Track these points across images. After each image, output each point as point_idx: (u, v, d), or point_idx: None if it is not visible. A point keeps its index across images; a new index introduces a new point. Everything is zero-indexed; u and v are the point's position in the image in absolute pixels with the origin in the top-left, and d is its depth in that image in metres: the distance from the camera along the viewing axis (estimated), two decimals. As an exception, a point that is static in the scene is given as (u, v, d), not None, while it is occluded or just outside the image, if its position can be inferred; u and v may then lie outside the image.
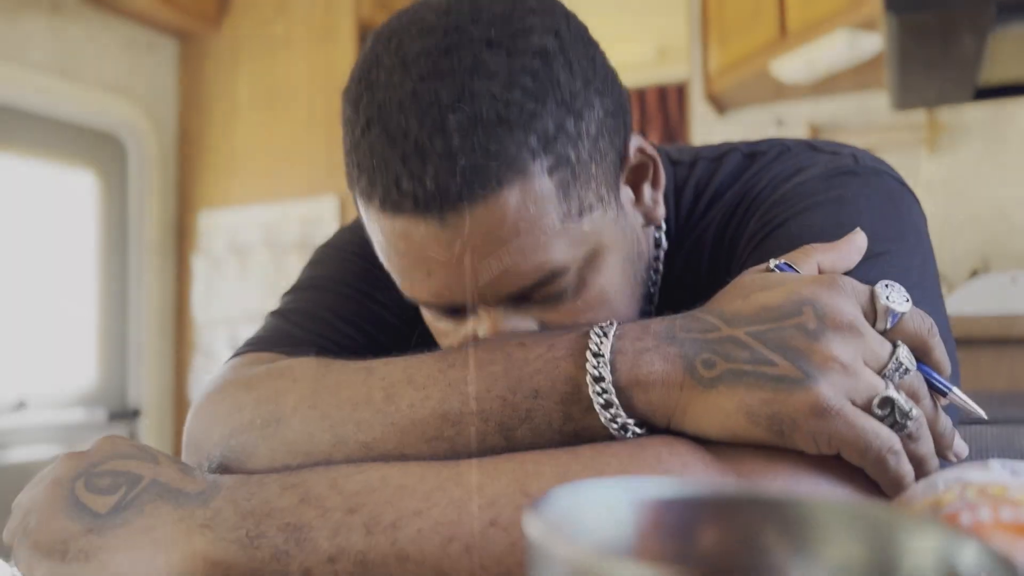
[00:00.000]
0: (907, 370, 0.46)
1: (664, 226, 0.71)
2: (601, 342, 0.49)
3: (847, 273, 0.53)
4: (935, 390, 0.48)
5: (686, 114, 4.54)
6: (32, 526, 0.48)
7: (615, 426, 0.48)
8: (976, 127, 2.79)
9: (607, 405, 0.48)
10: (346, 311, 0.73)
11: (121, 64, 3.20)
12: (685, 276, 0.71)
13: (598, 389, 0.48)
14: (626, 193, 0.62)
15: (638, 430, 0.48)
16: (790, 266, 0.53)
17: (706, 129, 3.19)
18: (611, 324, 0.51)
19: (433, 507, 0.45)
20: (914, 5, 1.36)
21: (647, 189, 0.64)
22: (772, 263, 0.53)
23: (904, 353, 0.46)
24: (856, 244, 0.54)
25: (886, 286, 0.48)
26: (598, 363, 0.48)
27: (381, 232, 0.55)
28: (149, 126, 3.29)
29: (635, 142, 0.62)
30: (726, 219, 0.68)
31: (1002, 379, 1.46)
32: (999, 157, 2.75)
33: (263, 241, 3.17)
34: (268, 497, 0.47)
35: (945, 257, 2.70)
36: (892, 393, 0.44)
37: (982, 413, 0.48)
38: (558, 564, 0.20)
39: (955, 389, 0.48)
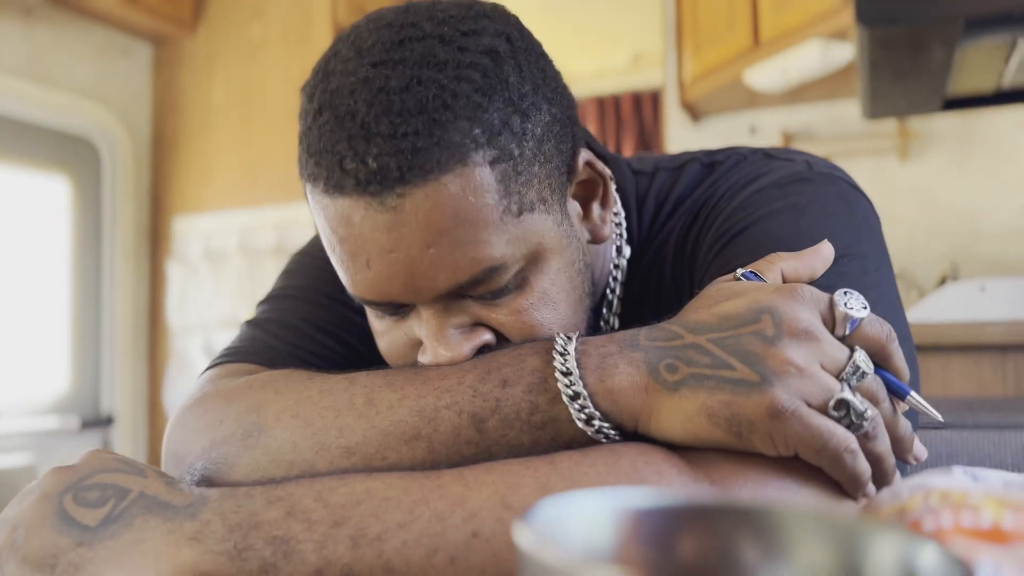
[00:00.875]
0: (864, 373, 0.48)
1: (625, 234, 0.73)
2: (566, 344, 0.52)
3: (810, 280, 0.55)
4: (894, 394, 0.50)
5: (660, 121, 4.58)
6: (20, 540, 0.48)
7: (583, 417, 0.50)
8: (946, 136, 2.84)
9: (574, 396, 0.50)
10: (322, 320, 0.73)
11: (95, 68, 3.17)
12: (649, 282, 0.72)
13: (566, 382, 0.50)
14: (573, 207, 0.63)
15: (605, 425, 0.50)
16: (756, 275, 0.54)
17: (680, 136, 3.22)
18: (575, 333, 0.53)
19: (417, 519, 0.46)
20: (885, 18, 1.39)
21: (595, 207, 0.66)
22: (739, 272, 0.55)
23: (861, 357, 0.48)
24: (822, 254, 0.56)
25: (845, 293, 0.50)
26: (565, 360, 0.51)
27: (325, 219, 0.56)
28: (123, 131, 3.27)
29: (584, 156, 0.63)
30: (687, 226, 0.70)
31: (971, 385, 1.49)
32: (968, 165, 2.81)
33: (238, 246, 3.15)
34: (255, 510, 0.48)
35: (915, 263, 2.75)
36: (847, 395, 0.46)
37: (939, 416, 0.50)
38: (548, 573, 0.21)
39: (912, 393, 0.50)
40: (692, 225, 0.69)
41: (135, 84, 3.35)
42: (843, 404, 0.46)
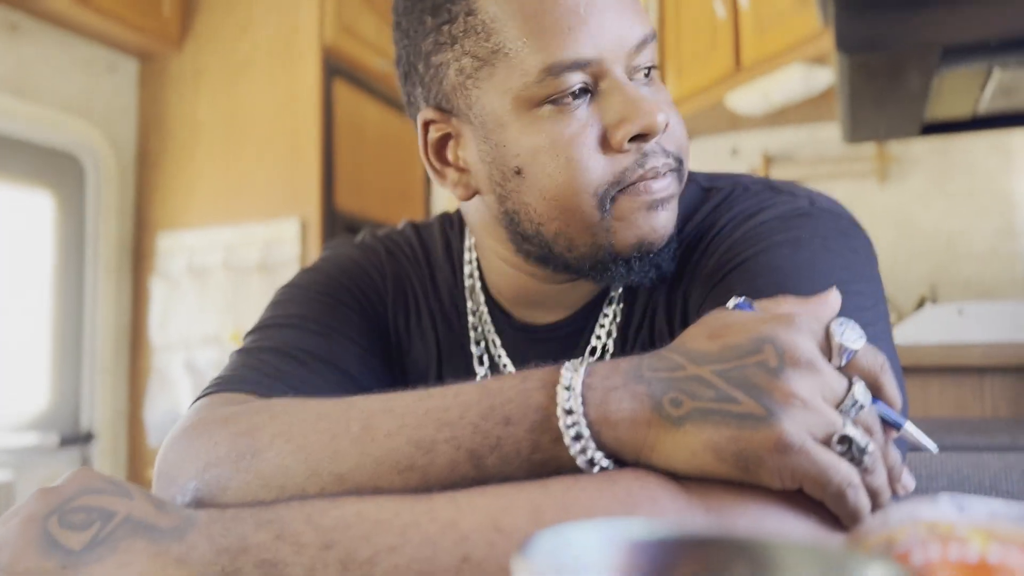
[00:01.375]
0: (862, 406, 0.48)
1: None
2: (572, 377, 0.51)
3: None
4: (888, 424, 0.50)
5: (644, 141, 4.61)
6: (5, 563, 0.47)
7: (584, 458, 0.50)
8: (924, 159, 2.88)
9: (577, 437, 0.49)
10: (314, 347, 0.73)
11: (80, 84, 3.16)
12: (646, 302, 0.73)
13: (568, 422, 0.49)
14: None
15: (605, 463, 0.50)
16: (749, 304, 0.55)
17: (664, 157, 3.24)
18: (581, 362, 0.52)
19: (407, 544, 0.46)
20: (864, 46, 1.41)
21: None
22: (732, 302, 0.55)
23: (860, 389, 0.49)
24: (829, 302, 0.55)
25: (840, 324, 0.50)
26: (569, 396, 0.50)
27: None
28: (108, 146, 3.25)
29: None
30: (687, 253, 0.71)
31: (949, 407, 1.51)
32: (946, 188, 2.84)
33: (222, 263, 3.14)
34: (244, 532, 0.48)
35: (895, 285, 2.78)
36: (850, 430, 0.47)
37: (934, 447, 0.51)
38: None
39: (908, 424, 0.51)
40: (692, 252, 0.71)
41: (121, 100, 3.33)
42: (846, 439, 0.46)
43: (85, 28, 3.05)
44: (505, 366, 0.78)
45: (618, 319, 0.74)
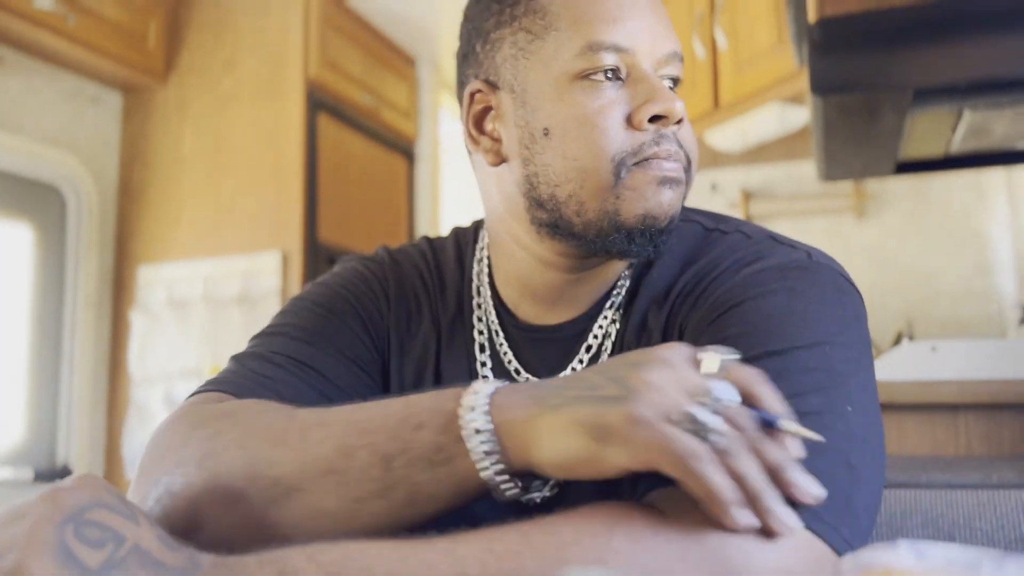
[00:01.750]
0: (719, 399, 0.52)
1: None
2: (482, 386, 0.58)
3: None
4: (769, 426, 0.53)
5: (625, 175, 4.65)
6: (16, 565, 0.46)
7: (483, 449, 0.55)
8: (900, 196, 2.92)
9: (477, 431, 0.55)
10: (294, 352, 0.79)
11: (63, 116, 3.16)
12: (641, 328, 0.77)
13: (470, 418, 0.56)
14: None
15: (500, 467, 0.55)
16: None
17: (645, 192, 3.27)
18: (502, 383, 0.59)
19: (406, 569, 0.49)
20: (837, 87, 1.44)
21: None
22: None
23: (718, 385, 0.53)
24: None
25: (713, 348, 0.56)
26: (475, 398, 0.56)
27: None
28: (90, 178, 3.25)
29: None
30: (687, 289, 0.75)
31: (925, 444, 1.53)
32: (922, 225, 2.89)
33: (202, 296, 3.13)
34: (246, 574, 0.49)
35: (872, 321, 2.80)
36: (693, 408, 0.51)
37: (817, 436, 0.53)
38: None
39: (782, 419, 0.53)
40: (693, 290, 0.75)
41: (104, 132, 3.34)
42: (691, 417, 0.51)
43: (69, 61, 3.06)
44: (505, 354, 0.83)
45: (617, 325, 0.78)
